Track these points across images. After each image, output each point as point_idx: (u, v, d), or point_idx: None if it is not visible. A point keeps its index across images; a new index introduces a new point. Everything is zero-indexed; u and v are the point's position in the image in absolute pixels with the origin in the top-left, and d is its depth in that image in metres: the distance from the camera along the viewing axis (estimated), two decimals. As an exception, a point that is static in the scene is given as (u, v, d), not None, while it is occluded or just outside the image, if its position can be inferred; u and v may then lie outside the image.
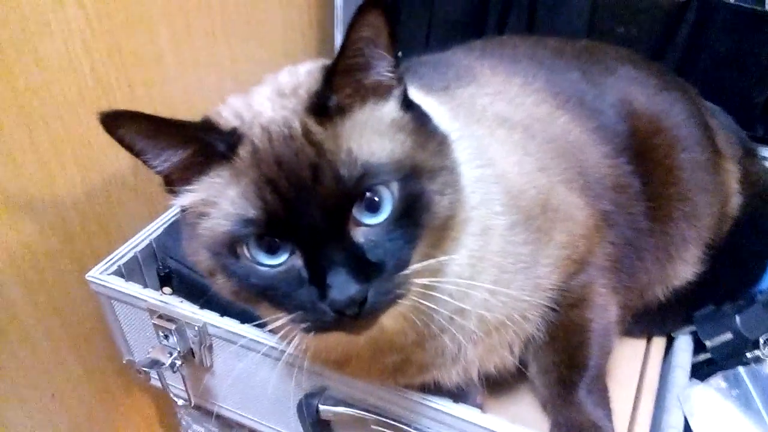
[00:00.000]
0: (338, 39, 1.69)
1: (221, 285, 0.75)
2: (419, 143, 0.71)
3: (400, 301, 0.70)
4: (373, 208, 0.68)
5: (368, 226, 0.68)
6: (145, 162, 0.70)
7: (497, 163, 0.86)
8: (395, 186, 0.68)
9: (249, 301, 0.75)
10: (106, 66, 1.19)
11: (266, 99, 0.74)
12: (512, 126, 0.95)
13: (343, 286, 0.65)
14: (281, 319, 0.71)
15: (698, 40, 1.32)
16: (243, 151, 0.69)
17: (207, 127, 0.71)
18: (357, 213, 0.67)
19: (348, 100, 0.70)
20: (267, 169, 0.67)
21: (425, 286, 0.73)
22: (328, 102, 0.69)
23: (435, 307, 0.76)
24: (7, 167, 1.06)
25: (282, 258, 0.69)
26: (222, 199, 0.70)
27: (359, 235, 0.68)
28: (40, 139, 1.10)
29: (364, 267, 0.66)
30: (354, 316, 0.66)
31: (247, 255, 0.69)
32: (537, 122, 0.99)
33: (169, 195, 0.76)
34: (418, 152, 0.70)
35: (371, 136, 0.69)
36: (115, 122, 0.65)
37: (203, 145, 0.70)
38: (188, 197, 0.74)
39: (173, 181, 0.74)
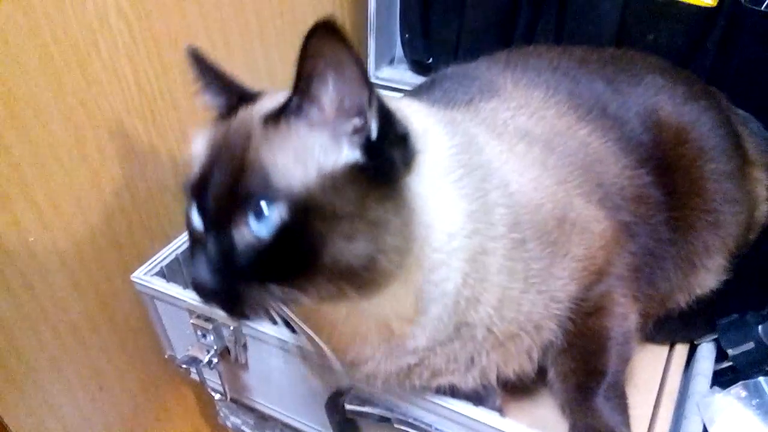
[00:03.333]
0: (371, 42, 1.74)
1: None
2: (336, 185, 0.69)
3: (266, 312, 0.73)
4: (259, 220, 0.69)
5: (251, 233, 0.69)
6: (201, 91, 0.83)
7: (511, 182, 0.88)
8: (283, 209, 0.67)
9: None
10: (149, 77, 1.26)
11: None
12: (532, 140, 0.96)
13: (199, 268, 0.71)
14: None
15: (729, 46, 1.30)
16: (224, 120, 0.79)
17: (246, 89, 0.81)
18: (246, 218, 0.69)
19: (290, 112, 0.71)
20: (214, 141, 0.75)
21: (415, 300, 0.80)
22: (279, 109, 0.72)
23: (439, 316, 0.81)
24: (58, 175, 1.14)
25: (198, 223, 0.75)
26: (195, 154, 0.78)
27: (240, 236, 0.70)
28: (89, 149, 1.18)
29: (230, 264, 0.71)
30: (207, 297, 0.73)
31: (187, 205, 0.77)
32: (557, 136, 1.00)
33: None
34: (327, 191, 0.69)
35: (291, 155, 0.69)
36: (189, 57, 0.81)
37: (233, 94, 0.81)
38: (193, 143, 0.81)
39: None
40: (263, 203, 0.68)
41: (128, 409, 1.44)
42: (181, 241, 1.32)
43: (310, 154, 0.70)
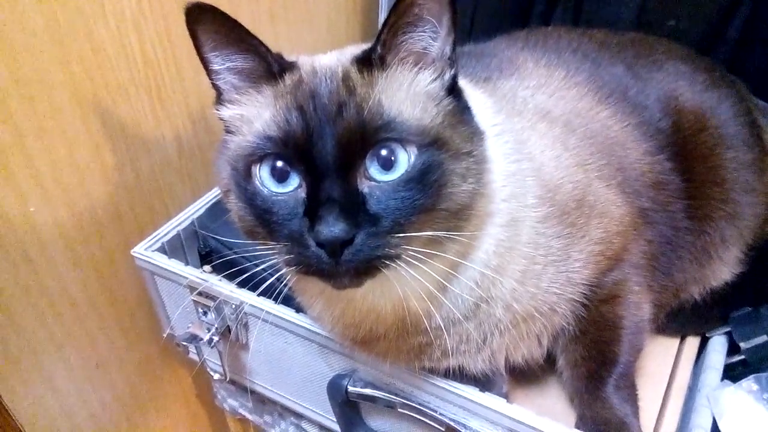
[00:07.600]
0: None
1: (232, 205, 0.78)
2: (451, 123, 0.72)
3: (389, 263, 0.69)
4: (387, 166, 0.69)
5: (377, 182, 0.69)
6: (206, 62, 0.76)
7: (535, 157, 0.86)
8: (413, 149, 0.69)
9: (250, 228, 0.77)
10: (155, 49, 1.23)
11: (329, 56, 0.80)
12: (553, 120, 0.95)
13: (331, 222, 0.65)
14: (272, 249, 0.73)
15: (750, 36, 1.28)
16: (289, 79, 0.74)
17: (271, 50, 0.75)
18: (370, 166, 0.69)
19: (390, 57, 0.72)
20: (301, 97, 0.71)
21: (446, 272, 0.76)
22: (372, 55, 0.72)
23: (459, 292, 0.78)
24: (62, 147, 1.11)
25: (288, 188, 0.72)
26: (257, 119, 0.74)
27: (365, 185, 0.69)
28: (92, 121, 1.15)
29: (359, 213, 0.68)
30: (334, 254, 0.66)
31: (258, 176, 0.73)
32: (578, 117, 0.98)
33: (217, 106, 0.80)
34: (447, 129, 0.72)
35: (404, 97, 0.72)
36: (198, 16, 0.72)
37: (262, 59, 0.74)
38: (231, 110, 0.78)
39: (223, 94, 0.79)
40: (394, 145, 0.69)
41: (124, 388, 1.42)
42: (183, 218, 1.29)
43: (423, 95, 0.73)
